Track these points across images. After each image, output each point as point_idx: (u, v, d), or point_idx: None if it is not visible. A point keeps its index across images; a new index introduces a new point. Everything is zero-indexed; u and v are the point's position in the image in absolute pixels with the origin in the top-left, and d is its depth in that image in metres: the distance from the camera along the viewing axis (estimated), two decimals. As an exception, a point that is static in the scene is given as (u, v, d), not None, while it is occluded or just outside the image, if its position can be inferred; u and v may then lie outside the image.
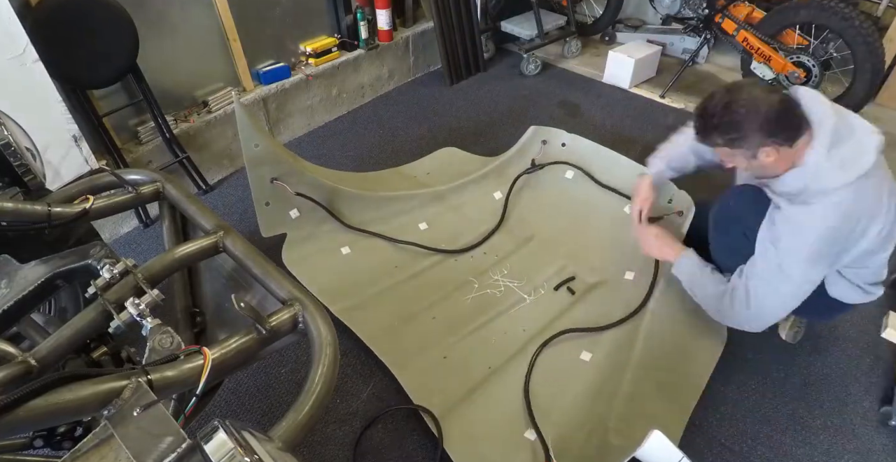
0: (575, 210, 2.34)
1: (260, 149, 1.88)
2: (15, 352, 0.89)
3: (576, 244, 2.20)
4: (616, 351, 1.78)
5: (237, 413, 1.71)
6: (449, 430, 1.57)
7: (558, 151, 2.48)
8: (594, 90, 3.42)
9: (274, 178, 1.96)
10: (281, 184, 1.97)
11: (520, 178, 2.41)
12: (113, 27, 2.04)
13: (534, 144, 2.49)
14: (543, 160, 2.45)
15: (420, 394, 1.65)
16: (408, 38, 3.38)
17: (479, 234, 2.23)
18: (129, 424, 0.64)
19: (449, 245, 2.16)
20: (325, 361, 0.86)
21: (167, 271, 1.04)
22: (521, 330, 1.87)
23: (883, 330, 1.88)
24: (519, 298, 1.98)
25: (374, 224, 2.19)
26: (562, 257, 2.14)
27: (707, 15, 3.10)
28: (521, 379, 1.72)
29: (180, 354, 0.82)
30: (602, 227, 2.25)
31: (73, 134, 1.95)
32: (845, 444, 1.61)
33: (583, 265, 2.10)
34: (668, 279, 1.88)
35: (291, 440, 0.75)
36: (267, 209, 2.01)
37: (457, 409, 1.64)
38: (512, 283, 2.04)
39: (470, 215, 2.31)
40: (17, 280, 1.07)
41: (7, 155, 1.10)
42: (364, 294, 1.96)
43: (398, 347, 1.78)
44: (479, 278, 2.06)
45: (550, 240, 2.23)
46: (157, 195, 1.22)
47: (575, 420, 1.61)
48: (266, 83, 2.78)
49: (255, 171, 1.92)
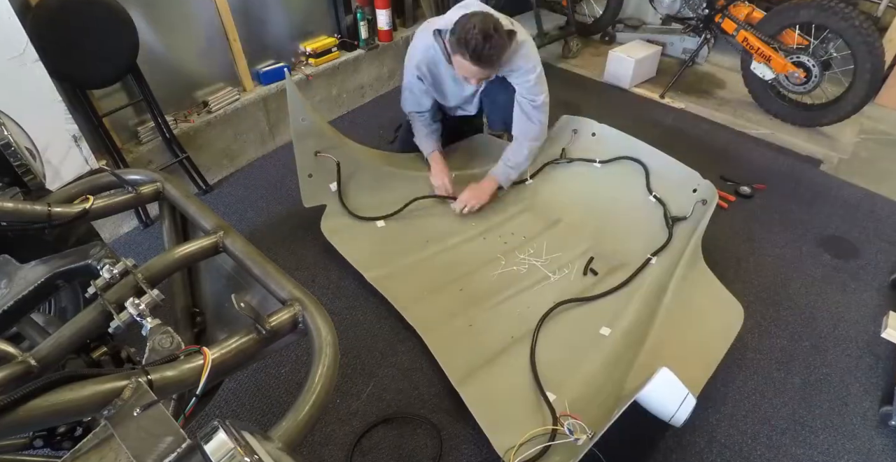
0: (601, 195, 2.41)
1: (307, 123, 2.03)
2: (15, 352, 0.89)
3: (601, 228, 2.28)
4: (635, 326, 1.84)
5: (237, 413, 1.71)
6: (469, 391, 1.63)
7: (587, 140, 2.53)
8: (594, 90, 3.43)
9: (318, 151, 2.10)
10: (325, 155, 2.12)
11: (549, 165, 2.50)
12: (113, 27, 2.03)
13: (565, 133, 2.55)
14: (572, 148, 2.53)
15: (445, 356, 1.73)
16: (408, 38, 3.37)
17: (508, 215, 2.34)
18: (129, 424, 0.64)
19: (477, 223, 2.28)
20: (325, 361, 0.86)
21: (167, 271, 1.03)
22: (544, 305, 1.93)
23: (883, 330, 1.88)
24: (543, 276, 2.08)
25: (407, 201, 2.30)
26: (587, 240, 2.23)
27: (707, 15, 3.10)
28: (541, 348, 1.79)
29: (180, 354, 0.82)
30: (627, 214, 2.33)
31: (73, 134, 1.95)
32: (845, 444, 1.61)
33: (607, 248, 2.19)
34: (688, 261, 1.97)
35: (291, 440, 0.75)
36: (310, 180, 2.14)
37: (478, 373, 1.70)
38: (537, 261, 2.13)
39: (500, 197, 2.39)
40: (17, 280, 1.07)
41: (7, 155, 1.10)
42: (396, 264, 2.07)
43: (426, 314, 1.87)
44: (507, 256, 2.15)
45: (577, 223, 2.32)
46: (157, 195, 1.22)
47: (592, 386, 1.68)
48: (266, 83, 2.78)
49: (301, 142, 2.06)
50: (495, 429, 1.53)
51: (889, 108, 3.16)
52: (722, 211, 2.43)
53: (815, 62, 2.75)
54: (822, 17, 2.64)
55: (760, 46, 2.85)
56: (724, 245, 2.28)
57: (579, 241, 2.23)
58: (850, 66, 2.69)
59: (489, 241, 2.23)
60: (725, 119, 3.11)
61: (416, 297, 1.95)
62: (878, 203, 2.49)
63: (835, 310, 2.02)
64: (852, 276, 2.15)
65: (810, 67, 2.77)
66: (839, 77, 2.85)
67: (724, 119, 3.11)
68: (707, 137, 2.98)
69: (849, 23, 2.56)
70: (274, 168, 2.77)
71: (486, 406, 1.59)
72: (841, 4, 2.57)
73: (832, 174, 2.69)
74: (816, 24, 2.71)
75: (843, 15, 2.56)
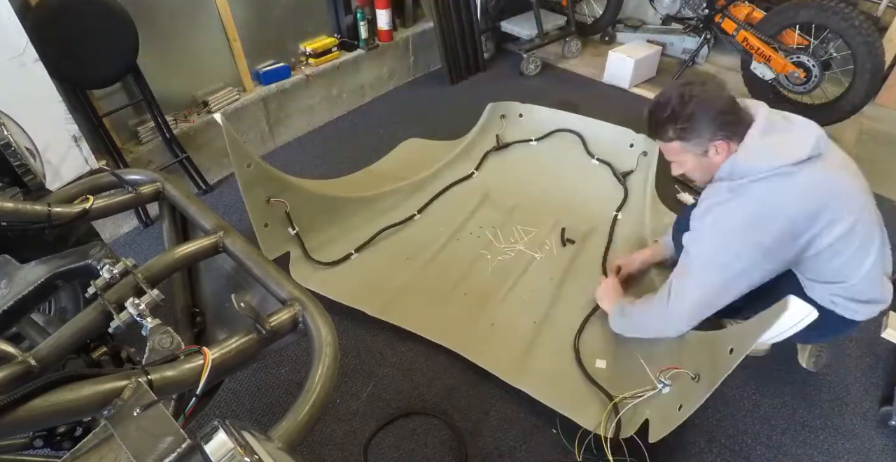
0: (548, 170, 2.54)
1: (252, 169, 1.81)
2: (15, 352, 0.89)
3: (560, 200, 2.42)
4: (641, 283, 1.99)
5: (237, 413, 1.71)
6: (528, 383, 1.68)
7: (517, 123, 2.69)
8: (594, 90, 3.43)
9: (269, 197, 1.92)
10: (278, 200, 1.95)
11: (490, 155, 2.59)
12: (113, 27, 2.04)
13: (494, 120, 2.68)
14: (506, 133, 2.65)
15: (489, 361, 1.75)
16: (408, 38, 3.38)
17: (467, 212, 2.35)
18: (129, 424, 0.64)
19: (446, 227, 2.27)
20: (325, 361, 0.86)
21: (167, 271, 1.03)
22: (546, 282, 2.04)
23: (883, 330, 1.88)
24: (530, 258, 2.15)
25: (369, 224, 2.22)
26: (551, 214, 2.34)
27: (707, 15, 3.10)
28: (567, 324, 1.87)
29: (180, 354, 0.82)
30: (579, 180, 2.49)
31: (73, 134, 1.95)
32: (845, 444, 1.61)
33: (573, 216, 2.32)
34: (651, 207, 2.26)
35: (291, 440, 0.75)
36: (267, 230, 1.93)
37: (524, 365, 1.75)
38: (520, 246, 2.21)
39: (454, 197, 2.43)
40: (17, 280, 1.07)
41: (7, 155, 1.10)
42: (390, 290, 2.00)
43: (447, 329, 1.87)
44: (489, 249, 2.20)
45: (536, 202, 2.41)
46: (157, 195, 1.22)
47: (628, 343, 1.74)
48: (266, 83, 2.78)
49: (250, 192, 1.84)
50: (574, 408, 1.60)
51: (889, 108, 3.16)
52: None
53: (815, 62, 2.75)
54: (822, 17, 2.64)
55: (760, 46, 2.85)
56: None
57: (545, 217, 2.33)
58: (850, 66, 2.69)
59: (464, 240, 2.23)
60: (725, 119, 3.11)
61: (428, 315, 1.92)
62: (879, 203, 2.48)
63: (835, 310, 2.01)
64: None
65: (810, 67, 2.77)
66: (839, 77, 2.85)
67: (724, 119, 3.11)
68: (707, 137, 2.98)
69: (849, 23, 2.56)
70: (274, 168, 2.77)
71: (551, 391, 1.65)
72: (841, 4, 2.57)
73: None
74: (816, 24, 2.71)
75: (843, 15, 2.56)
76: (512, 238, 2.24)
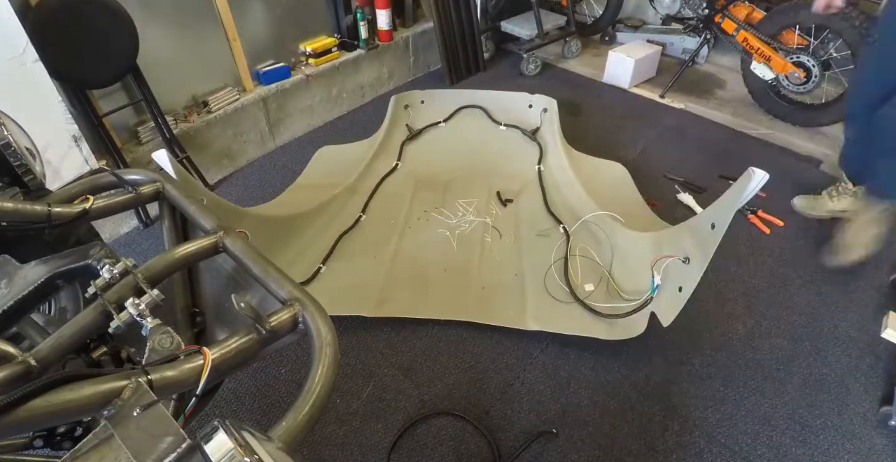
0: (464, 145, 2.73)
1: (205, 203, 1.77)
2: (15, 352, 0.89)
3: (484, 169, 2.61)
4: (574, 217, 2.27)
5: (237, 413, 1.71)
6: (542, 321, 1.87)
7: (421, 109, 2.86)
8: (594, 90, 3.43)
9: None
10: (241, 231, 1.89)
11: (406, 144, 2.72)
12: (113, 27, 2.04)
13: (399, 112, 2.82)
14: (414, 121, 2.81)
15: (496, 317, 1.90)
16: (408, 38, 3.38)
17: (405, 202, 2.45)
18: (129, 424, 0.64)
19: (394, 220, 2.35)
20: (325, 361, 0.85)
21: (167, 271, 1.03)
22: (509, 239, 2.25)
23: (883, 330, 1.88)
24: (482, 223, 2.32)
25: (323, 235, 2.24)
26: (482, 182, 2.53)
27: (707, 15, 3.10)
28: (542, 267, 2.09)
29: (180, 354, 0.82)
30: (495, 148, 2.70)
31: (73, 134, 1.95)
32: (845, 444, 1.61)
33: (502, 179, 2.54)
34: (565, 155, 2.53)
35: (291, 440, 0.75)
36: None
37: (528, 309, 1.92)
38: (469, 217, 2.36)
39: (390, 190, 2.51)
40: (17, 280, 1.07)
41: (7, 155, 1.10)
42: (374, 289, 2.03)
43: (446, 304, 1.98)
44: (446, 227, 2.32)
45: (464, 177, 2.58)
46: (157, 195, 1.22)
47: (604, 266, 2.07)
48: (266, 83, 2.78)
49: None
50: (588, 329, 1.82)
51: (889, 108, 3.15)
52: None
53: (815, 62, 2.75)
54: (822, 17, 2.63)
55: (760, 46, 2.85)
56: (724, 245, 2.26)
57: (478, 186, 2.50)
58: (850, 67, 2.69)
59: (416, 227, 2.32)
60: (725, 119, 3.11)
61: (423, 299, 1.99)
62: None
63: (835, 310, 2.01)
64: (852, 276, 2.14)
65: (810, 67, 2.77)
66: (839, 77, 2.85)
67: (724, 119, 3.11)
68: (707, 137, 2.98)
69: (849, 23, 2.56)
70: (274, 168, 2.77)
71: (562, 323, 1.86)
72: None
73: (832, 174, 2.69)
74: (816, 24, 2.71)
75: (843, 15, 2.56)
76: (459, 212, 2.38)
